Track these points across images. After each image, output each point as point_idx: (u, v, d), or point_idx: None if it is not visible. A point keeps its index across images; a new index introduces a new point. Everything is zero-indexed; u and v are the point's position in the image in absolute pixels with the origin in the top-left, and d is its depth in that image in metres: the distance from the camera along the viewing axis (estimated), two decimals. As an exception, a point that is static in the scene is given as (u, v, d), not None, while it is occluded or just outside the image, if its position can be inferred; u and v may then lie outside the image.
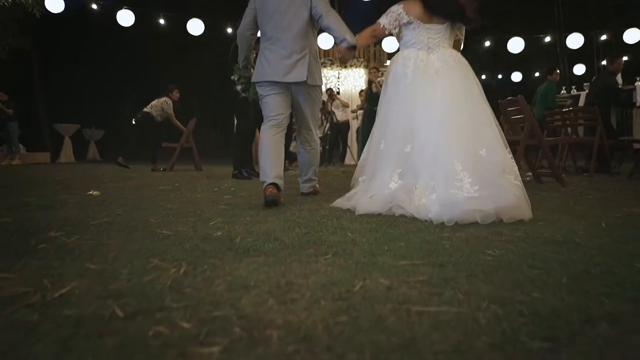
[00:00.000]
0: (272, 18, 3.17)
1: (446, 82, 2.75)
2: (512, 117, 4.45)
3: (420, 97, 2.74)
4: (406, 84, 2.82)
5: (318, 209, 2.74)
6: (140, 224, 2.24)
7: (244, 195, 3.51)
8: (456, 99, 2.69)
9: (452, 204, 2.31)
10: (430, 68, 2.81)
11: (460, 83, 2.78)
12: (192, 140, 7.61)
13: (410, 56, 2.87)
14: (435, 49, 2.86)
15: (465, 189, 2.38)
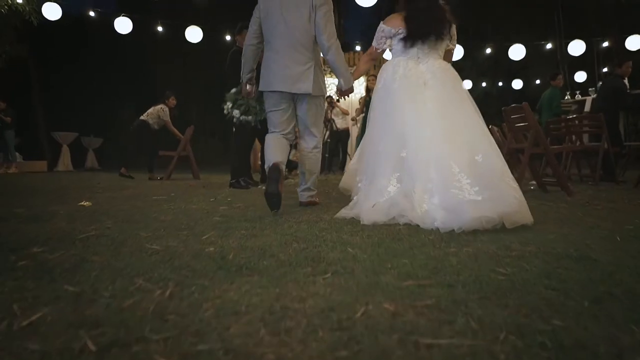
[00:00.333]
0: (277, 29, 3.18)
1: (435, 94, 2.79)
2: (516, 124, 4.35)
3: (409, 106, 2.79)
4: (394, 90, 2.88)
5: (317, 220, 2.62)
6: (129, 238, 2.13)
7: (240, 206, 3.39)
8: (446, 109, 2.74)
9: (455, 208, 2.31)
10: (420, 78, 2.86)
11: (450, 95, 2.81)
12: (189, 148, 7.50)
13: (400, 64, 2.94)
14: (425, 59, 2.92)
15: (466, 190, 2.40)
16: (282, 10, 3.17)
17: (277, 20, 3.18)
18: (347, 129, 10.64)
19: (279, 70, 3.18)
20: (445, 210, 2.33)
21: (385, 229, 2.33)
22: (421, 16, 2.91)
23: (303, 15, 3.15)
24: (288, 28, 3.16)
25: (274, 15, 3.19)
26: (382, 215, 2.52)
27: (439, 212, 2.35)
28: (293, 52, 3.17)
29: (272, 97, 3.28)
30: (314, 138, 3.42)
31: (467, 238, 2.09)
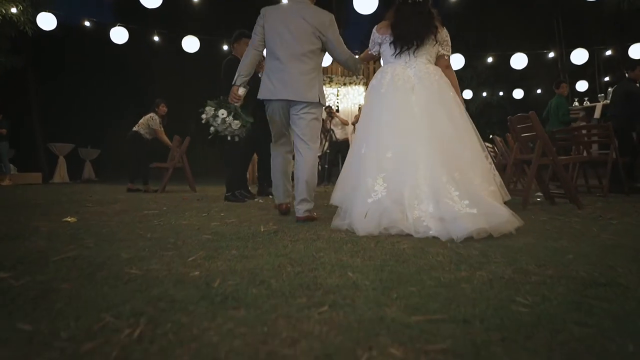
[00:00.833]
0: (282, 39, 3.23)
1: (422, 100, 2.83)
2: (523, 134, 4.17)
3: (396, 110, 2.85)
4: (382, 95, 2.93)
5: (314, 239, 2.43)
6: (108, 261, 1.94)
7: (234, 221, 3.20)
8: (432, 116, 2.78)
9: (452, 218, 2.40)
10: (407, 83, 2.90)
11: (436, 101, 2.84)
12: (185, 159, 7.31)
13: (388, 70, 3.01)
14: (413, 64, 2.97)
15: (457, 202, 2.47)
16: (287, 21, 3.23)
17: (282, 31, 3.23)
18: (347, 140, 10.48)
19: (283, 80, 3.21)
20: (442, 221, 2.43)
21: (389, 248, 2.15)
22: (405, 23, 2.97)
23: (308, 28, 3.21)
24: (293, 39, 3.21)
25: (279, 25, 3.24)
26: (375, 226, 2.53)
27: (434, 222, 2.44)
28: (297, 62, 3.21)
29: (275, 106, 3.31)
30: (311, 149, 3.33)
31: (478, 259, 1.90)
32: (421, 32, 2.95)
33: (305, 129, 3.28)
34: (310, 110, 3.26)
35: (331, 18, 3.30)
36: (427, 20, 2.98)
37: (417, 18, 2.97)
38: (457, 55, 11.40)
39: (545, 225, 2.96)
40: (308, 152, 3.30)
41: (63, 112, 20.60)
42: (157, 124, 7.51)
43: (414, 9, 2.98)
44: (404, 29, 2.97)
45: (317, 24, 3.23)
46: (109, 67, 21.30)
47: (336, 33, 3.32)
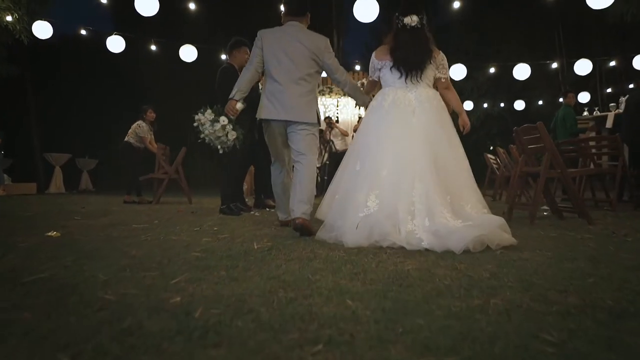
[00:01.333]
0: (280, 62, 3.33)
1: (422, 123, 2.92)
2: (530, 146, 4.01)
3: (396, 130, 2.93)
4: (383, 115, 3.01)
5: (311, 258, 2.25)
6: (83, 283, 1.77)
7: (226, 237, 3.02)
8: (430, 139, 2.88)
9: (448, 232, 2.48)
10: (408, 106, 2.99)
11: (435, 124, 2.95)
12: (181, 171, 7.12)
13: (389, 93, 3.09)
14: (413, 88, 3.06)
15: (450, 220, 2.60)
16: (284, 45, 3.33)
17: (279, 54, 3.33)
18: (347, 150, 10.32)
19: (282, 101, 3.30)
20: (436, 235, 2.49)
21: (392, 269, 1.97)
22: (405, 49, 3.07)
23: (305, 51, 3.32)
24: (291, 63, 3.31)
25: (277, 49, 3.34)
26: (365, 238, 2.57)
27: (427, 235, 2.50)
28: (296, 85, 3.31)
29: (274, 126, 3.40)
30: (310, 159, 3.39)
31: (490, 283, 1.72)
32: (421, 58, 3.07)
33: (302, 143, 3.35)
34: (306, 127, 3.35)
35: (326, 43, 3.43)
36: (426, 47, 3.10)
37: (416, 44, 3.08)
38: (458, 65, 11.30)
39: (557, 242, 2.79)
40: (306, 161, 3.34)
41: (60, 121, 20.48)
42: (145, 131, 7.28)
43: (412, 34, 3.09)
44: (404, 54, 3.06)
45: (313, 48, 3.34)
46: (107, 77, 21.22)
47: (332, 57, 3.42)
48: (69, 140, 18.62)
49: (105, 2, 9.10)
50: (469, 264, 2.10)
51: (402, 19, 3.11)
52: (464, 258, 2.23)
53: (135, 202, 7.14)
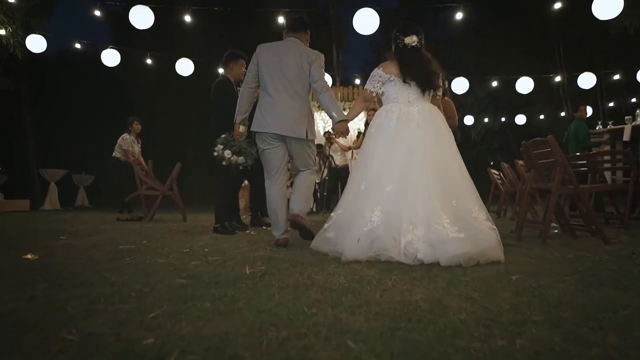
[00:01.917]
0: (274, 77, 3.45)
1: (425, 136, 3.01)
2: (540, 160, 3.81)
3: (401, 145, 2.99)
4: (390, 133, 3.07)
5: (307, 286, 2.02)
6: (47, 317, 1.55)
7: (217, 260, 2.80)
8: (432, 151, 2.97)
9: (440, 244, 2.54)
10: (412, 121, 3.07)
11: (436, 137, 3.05)
12: (176, 187, 6.89)
13: (394, 109, 3.15)
14: (415, 102, 3.16)
15: (447, 228, 2.62)
16: (280, 61, 3.45)
17: (274, 70, 3.44)
18: (347, 166, 10.09)
19: (274, 114, 3.41)
20: (430, 245, 2.57)
21: (399, 299, 1.75)
22: (416, 67, 3.16)
23: (298, 67, 3.43)
24: (285, 77, 3.43)
25: (272, 64, 3.46)
26: (365, 252, 2.65)
27: (422, 245, 2.58)
28: (288, 99, 3.42)
29: (265, 137, 3.48)
30: (310, 171, 3.66)
31: (511, 317, 1.51)
32: (433, 79, 3.19)
33: (300, 160, 3.58)
34: (298, 142, 3.49)
35: (318, 56, 3.52)
36: (435, 69, 3.23)
37: (427, 66, 3.19)
38: (460, 79, 11.16)
39: (575, 265, 2.57)
40: (306, 172, 3.63)
41: (57, 137, 20.35)
42: (128, 144, 7.00)
43: (418, 54, 3.21)
44: (420, 71, 3.15)
45: (305, 62, 3.45)
46: (104, 91, 21.12)
47: (319, 68, 3.48)
48: (66, 156, 18.44)
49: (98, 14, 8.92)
50: (484, 292, 1.88)
51: (403, 38, 3.22)
52: (477, 285, 2.01)
53: (128, 219, 6.91)
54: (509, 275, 2.23)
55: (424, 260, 2.53)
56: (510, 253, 3.02)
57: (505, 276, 2.22)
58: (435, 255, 2.53)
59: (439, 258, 2.50)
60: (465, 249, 2.49)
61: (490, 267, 2.49)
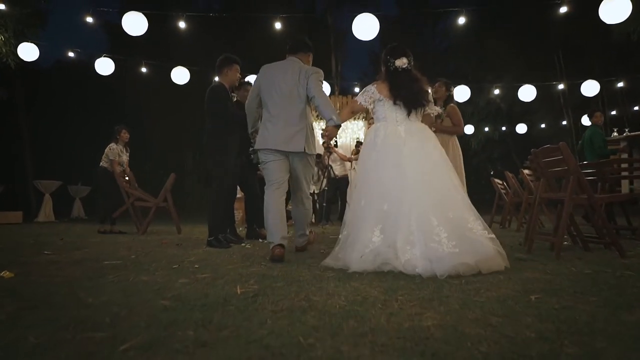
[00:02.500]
0: (274, 98, 3.59)
1: (413, 153, 3.10)
2: (550, 169, 3.61)
3: (390, 163, 3.09)
4: (377, 151, 3.19)
5: (304, 309, 1.80)
6: (1, 351, 1.34)
7: (207, 277, 2.58)
8: (423, 167, 3.05)
9: (437, 258, 2.60)
10: (399, 139, 3.18)
11: (426, 154, 3.13)
12: (170, 198, 6.67)
13: (381, 128, 3.30)
14: (403, 122, 3.27)
15: (444, 244, 2.67)
16: (279, 79, 3.60)
17: (274, 88, 3.60)
18: (346, 176, 9.89)
19: (274, 131, 3.55)
20: (428, 260, 2.61)
21: (408, 325, 1.54)
22: (405, 89, 3.28)
23: (296, 84, 3.58)
24: (284, 95, 3.57)
25: (272, 83, 3.61)
26: (370, 264, 2.74)
27: (422, 262, 2.62)
28: (287, 115, 3.56)
29: (267, 153, 3.61)
30: (305, 193, 3.79)
31: (539, 348, 1.31)
32: (422, 99, 3.31)
33: (299, 175, 3.72)
34: (300, 158, 3.65)
35: (316, 70, 3.66)
36: (422, 88, 3.35)
37: (415, 85, 3.32)
38: (461, 87, 11.01)
39: (597, 283, 2.36)
40: (304, 197, 3.79)
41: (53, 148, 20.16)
42: (115, 154, 6.76)
43: (408, 76, 3.34)
44: (408, 93, 3.27)
45: (302, 76, 3.59)
46: (101, 101, 20.97)
47: (315, 81, 3.59)
48: (62, 167, 18.25)
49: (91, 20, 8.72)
50: (503, 315, 1.67)
51: (394, 61, 3.35)
52: (494, 307, 1.80)
53: (108, 232, 6.67)
54: (527, 295, 2.02)
55: (423, 274, 2.55)
56: (523, 268, 2.81)
57: (523, 296, 2.01)
58: (433, 269, 2.56)
59: (438, 271, 2.53)
60: (463, 260, 2.57)
61: (504, 284, 2.28)
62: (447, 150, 4.63)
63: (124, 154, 6.97)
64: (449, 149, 4.65)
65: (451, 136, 4.76)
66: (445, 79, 4.93)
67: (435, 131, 4.68)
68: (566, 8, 7.71)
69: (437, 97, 4.82)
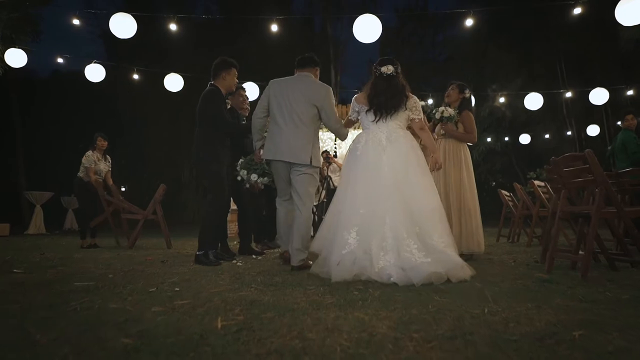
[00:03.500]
0: (283, 110, 3.72)
1: (391, 160, 3.25)
2: (573, 179, 3.27)
3: (369, 169, 3.26)
4: (357, 157, 3.38)
5: (297, 351, 1.44)
6: None
7: (185, 304, 2.21)
8: (400, 174, 3.21)
9: (411, 267, 2.77)
10: (379, 145, 3.34)
11: (404, 161, 3.27)
12: (159, 210, 6.30)
13: (363, 135, 3.50)
14: (385, 128, 3.42)
15: (416, 254, 2.85)
16: (289, 93, 3.73)
17: (283, 102, 3.73)
18: (335, 191, 9.53)
19: (281, 143, 3.69)
20: (402, 269, 2.77)
21: None
22: (379, 95, 3.45)
23: (306, 100, 3.71)
24: (292, 109, 3.70)
25: (282, 97, 3.75)
26: (348, 273, 2.86)
27: (395, 270, 2.77)
28: (294, 128, 3.68)
29: (276, 165, 3.79)
30: (305, 205, 3.71)
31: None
32: (393, 102, 3.43)
33: (300, 187, 3.70)
34: (305, 170, 3.69)
35: (327, 90, 3.80)
36: (398, 91, 3.47)
37: (389, 90, 3.45)
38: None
39: (627, 306, 2.02)
40: (303, 208, 3.70)
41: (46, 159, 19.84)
42: (90, 161, 6.36)
43: (388, 82, 3.48)
44: (380, 99, 3.44)
45: (313, 96, 3.73)
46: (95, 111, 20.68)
47: (331, 105, 3.77)
48: (55, 178, 17.91)
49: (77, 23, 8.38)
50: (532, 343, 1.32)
51: (380, 68, 3.51)
52: (533, 349, 1.45)
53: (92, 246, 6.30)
54: (567, 331, 1.66)
55: (398, 282, 2.70)
56: (550, 294, 2.46)
57: (563, 332, 1.65)
58: (408, 278, 2.71)
59: (413, 280, 2.69)
60: (434, 269, 2.75)
61: (535, 315, 1.93)
62: (458, 157, 4.30)
63: (102, 162, 6.57)
64: (460, 157, 4.31)
65: (462, 143, 4.42)
66: (458, 82, 4.61)
67: (445, 134, 4.38)
68: (580, 9, 7.42)
69: (450, 101, 4.51)
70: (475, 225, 4.17)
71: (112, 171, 6.75)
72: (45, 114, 20.36)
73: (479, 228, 4.20)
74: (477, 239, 4.15)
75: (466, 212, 4.20)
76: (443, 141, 4.44)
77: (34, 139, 19.20)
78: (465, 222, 4.19)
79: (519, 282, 2.86)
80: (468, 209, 4.21)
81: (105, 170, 6.58)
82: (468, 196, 4.25)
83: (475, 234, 4.15)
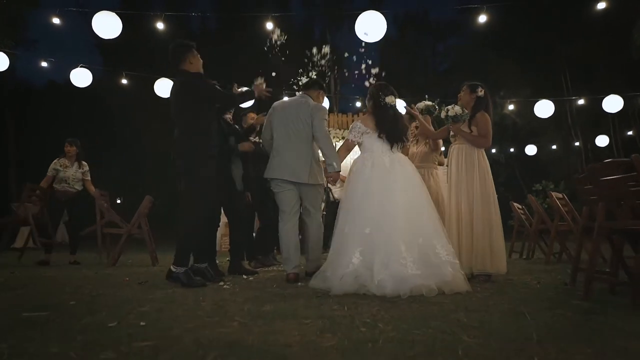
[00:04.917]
0: (283, 131, 3.96)
1: (397, 182, 3.45)
2: (611, 189, 2.80)
3: (377, 191, 3.40)
4: (365, 179, 3.50)
5: None
6: None
7: (146, 347, 1.71)
8: (404, 195, 3.39)
9: (401, 278, 2.95)
10: (384, 168, 3.52)
11: (407, 184, 3.49)
12: (145, 224, 5.81)
13: (369, 158, 3.63)
14: (387, 153, 3.62)
15: (409, 267, 3.03)
16: (290, 114, 3.97)
17: (285, 123, 3.96)
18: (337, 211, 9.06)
19: (282, 162, 3.90)
20: (393, 279, 2.96)
21: None
22: (391, 124, 3.66)
23: (304, 120, 3.93)
24: (293, 129, 3.93)
25: (283, 118, 3.98)
26: (349, 286, 3.04)
27: (389, 281, 2.95)
28: (295, 148, 3.90)
29: (277, 182, 3.96)
30: (314, 217, 4.05)
31: None
32: (403, 133, 3.73)
33: (308, 201, 4.02)
34: (308, 187, 3.95)
35: (321, 109, 4.05)
36: (405, 125, 3.91)
37: (399, 122, 3.75)
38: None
39: None
40: (312, 221, 4.05)
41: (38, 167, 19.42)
42: (50, 168, 6.04)
43: (394, 112, 3.76)
44: (391, 128, 3.65)
45: (307, 113, 3.95)
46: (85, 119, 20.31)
47: (321, 119, 3.95)
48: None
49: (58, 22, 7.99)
50: None
51: (384, 97, 3.68)
52: None
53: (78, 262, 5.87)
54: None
55: (392, 293, 2.84)
56: (603, 329, 1.98)
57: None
58: (398, 289, 2.86)
59: (400, 291, 2.84)
60: (424, 282, 2.90)
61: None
62: (473, 164, 3.87)
63: (72, 169, 6.10)
64: (474, 163, 3.87)
65: (477, 149, 3.96)
66: (470, 82, 4.18)
67: (454, 136, 3.97)
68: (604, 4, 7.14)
69: (463, 104, 4.05)
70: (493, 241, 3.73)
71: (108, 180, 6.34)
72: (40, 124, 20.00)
73: (499, 245, 3.76)
74: (498, 258, 3.71)
75: (479, 225, 3.76)
76: (456, 147, 4.02)
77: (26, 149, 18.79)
78: (479, 238, 3.74)
79: (557, 312, 2.39)
80: (483, 223, 3.76)
81: (77, 177, 6.10)
82: (483, 208, 3.79)
83: (497, 252, 3.71)
